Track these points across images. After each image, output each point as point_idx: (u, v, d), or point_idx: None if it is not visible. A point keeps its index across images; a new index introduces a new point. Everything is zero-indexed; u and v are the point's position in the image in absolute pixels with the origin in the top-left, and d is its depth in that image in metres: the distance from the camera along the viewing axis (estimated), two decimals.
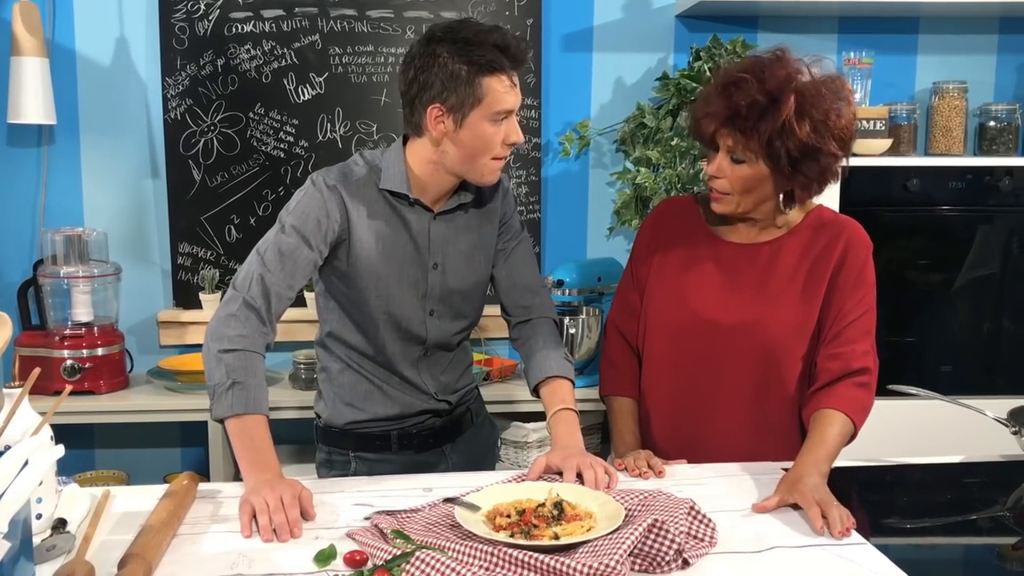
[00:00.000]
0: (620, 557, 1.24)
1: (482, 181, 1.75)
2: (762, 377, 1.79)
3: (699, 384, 1.82)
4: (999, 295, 2.90)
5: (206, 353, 1.63)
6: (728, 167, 1.73)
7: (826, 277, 1.77)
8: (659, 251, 1.90)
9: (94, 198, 2.97)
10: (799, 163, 1.68)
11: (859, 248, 1.78)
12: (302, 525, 1.43)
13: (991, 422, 1.80)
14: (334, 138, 3.00)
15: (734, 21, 3.05)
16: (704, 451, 1.80)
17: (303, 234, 1.70)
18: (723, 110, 1.69)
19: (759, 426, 1.80)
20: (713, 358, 1.80)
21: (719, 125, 1.71)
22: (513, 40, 1.68)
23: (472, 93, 1.65)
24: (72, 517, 1.42)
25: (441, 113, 1.68)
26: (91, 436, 3.05)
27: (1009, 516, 1.63)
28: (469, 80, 1.64)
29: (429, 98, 1.67)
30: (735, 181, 1.73)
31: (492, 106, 1.66)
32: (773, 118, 1.65)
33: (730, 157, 1.72)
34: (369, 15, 2.97)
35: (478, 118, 1.67)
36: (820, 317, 1.77)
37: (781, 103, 1.65)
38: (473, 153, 1.70)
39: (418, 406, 1.87)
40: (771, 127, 1.65)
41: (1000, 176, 2.82)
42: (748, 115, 1.67)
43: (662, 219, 1.95)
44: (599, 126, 3.08)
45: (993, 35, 3.16)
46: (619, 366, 1.95)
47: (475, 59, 1.64)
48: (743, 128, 1.68)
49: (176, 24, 2.91)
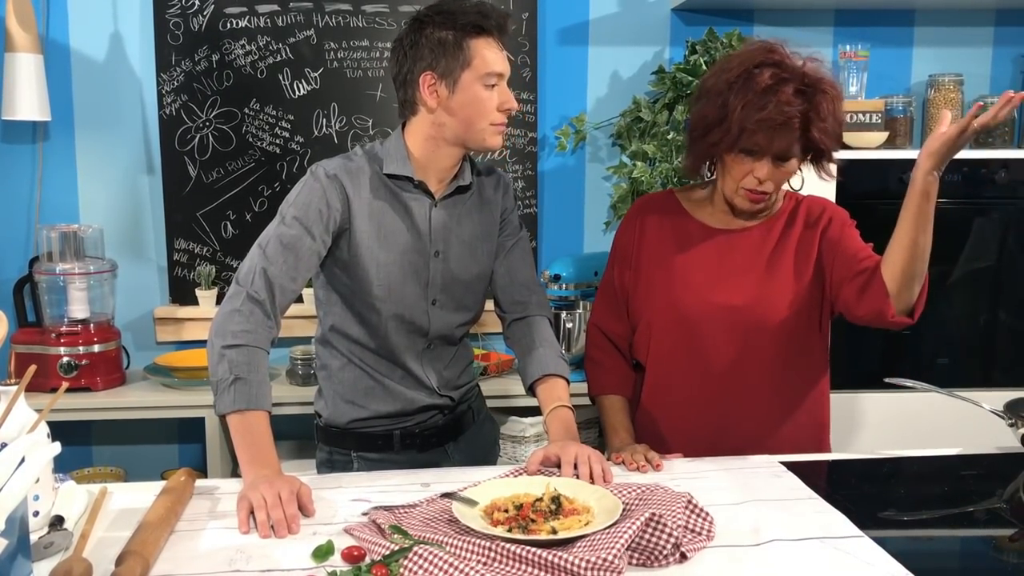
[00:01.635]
0: (618, 551, 1.24)
1: (485, 146, 1.77)
2: (777, 354, 1.81)
3: (716, 369, 1.83)
4: (995, 287, 2.90)
5: (210, 349, 1.63)
6: (773, 170, 1.77)
7: (815, 246, 1.83)
8: (647, 248, 1.91)
9: (89, 194, 2.96)
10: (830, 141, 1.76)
11: (839, 212, 1.87)
12: (300, 521, 1.43)
13: (988, 415, 1.80)
14: (330, 133, 3.00)
15: (730, 14, 3.04)
16: (732, 439, 1.81)
17: (305, 224, 1.70)
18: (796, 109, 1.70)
19: (786, 405, 1.83)
20: (727, 343, 1.82)
21: (794, 130, 1.72)
22: (494, 10, 1.73)
23: (461, 55, 1.69)
24: (69, 514, 1.42)
25: (434, 80, 1.71)
26: (88, 433, 3.05)
27: (1006, 508, 1.63)
28: (456, 43, 1.69)
29: (420, 69, 1.71)
30: (779, 180, 1.79)
31: (481, 67, 1.70)
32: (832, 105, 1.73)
33: (775, 159, 1.76)
34: (364, 10, 2.96)
35: (469, 81, 1.70)
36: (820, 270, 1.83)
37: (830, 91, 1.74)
38: (470, 119, 1.72)
39: (420, 402, 1.87)
40: (834, 117, 1.74)
41: (996, 169, 2.82)
42: (821, 106, 1.72)
43: (644, 217, 1.95)
44: (595, 120, 3.08)
45: (989, 27, 3.17)
46: (605, 365, 1.96)
47: (460, 23, 1.69)
48: (815, 122, 1.72)
49: (170, 19, 2.90)
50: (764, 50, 1.76)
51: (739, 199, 1.81)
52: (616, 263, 1.96)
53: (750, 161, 1.76)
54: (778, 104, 1.69)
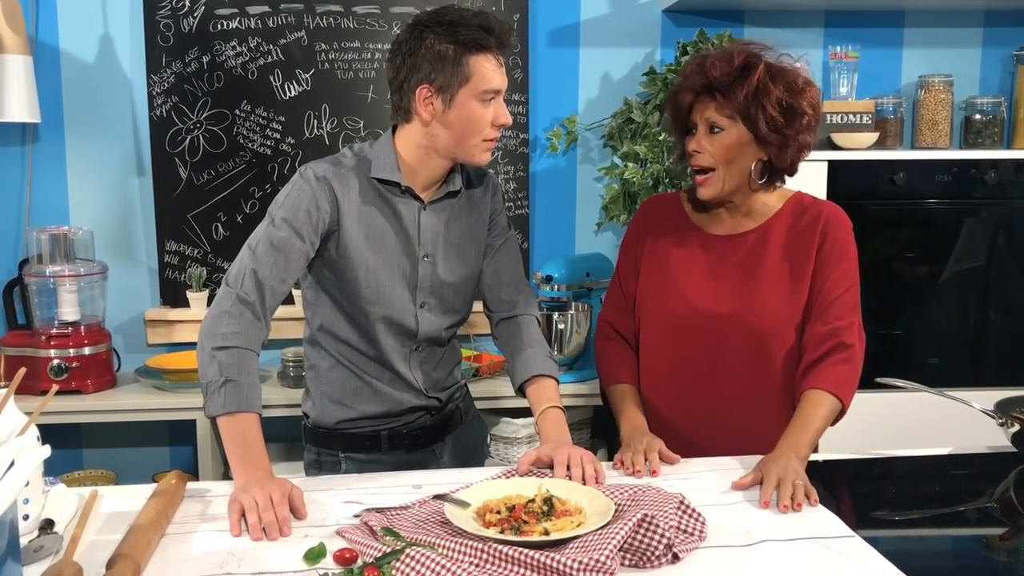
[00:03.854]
0: (610, 552, 1.24)
1: (473, 161, 1.76)
2: (760, 363, 1.81)
3: (698, 375, 1.84)
4: (985, 287, 2.91)
5: (200, 351, 1.63)
6: (707, 140, 1.79)
7: (811, 258, 1.82)
8: (649, 247, 1.93)
9: (80, 196, 2.95)
10: (776, 123, 1.76)
11: (839, 226, 1.84)
12: (291, 524, 1.43)
13: (978, 414, 1.81)
14: (321, 135, 3.00)
15: (720, 15, 3.05)
16: (706, 441, 1.82)
17: (294, 226, 1.70)
18: (699, 80, 1.78)
19: (759, 412, 1.83)
20: (710, 348, 1.83)
21: (695, 95, 1.79)
22: (497, 23, 1.70)
23: (459, 72, 1.67)
24: (59, 518, 1.42)
25: (430, 94, 1.69)
26: (79, 436, 3.04)
27: (996, 507, 1.64)
28: (456, 59, 1.66)
29: (417, 80, 1.69)
30: (717, 152, 1.79)
31: (479, 85, 1.68)
32: (747, 81, 1.75)
33: (709, 129, 1.79)
34: (355, 11, 2.96)
35: (466, 97, 1.68)
36: (808, 297, 1.81)
37: (752, 68, 1.76)
38: (463, 134, 1.71)
39: (407, 403, 1.87)
40: (747, 88, 1.74)
41: (986, 169, 2.83)
42: (723, 80, 1.75)
43: (649, 216, 1.98)
44: (586, 121, 3.08)
45: (978, 28, 3.18)
46: (612, 356, 1.96)
47: (461, 38, 1.66)
48: (722, 90, 1.76)
49: (161, 21, 2.89)
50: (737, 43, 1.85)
51: (696, 187, 1.84)
52: (622, 259, 1.99)
53: (692, 137, 1.82)
54: (701, 68, 1.78)
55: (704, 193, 1.83)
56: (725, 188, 1.81)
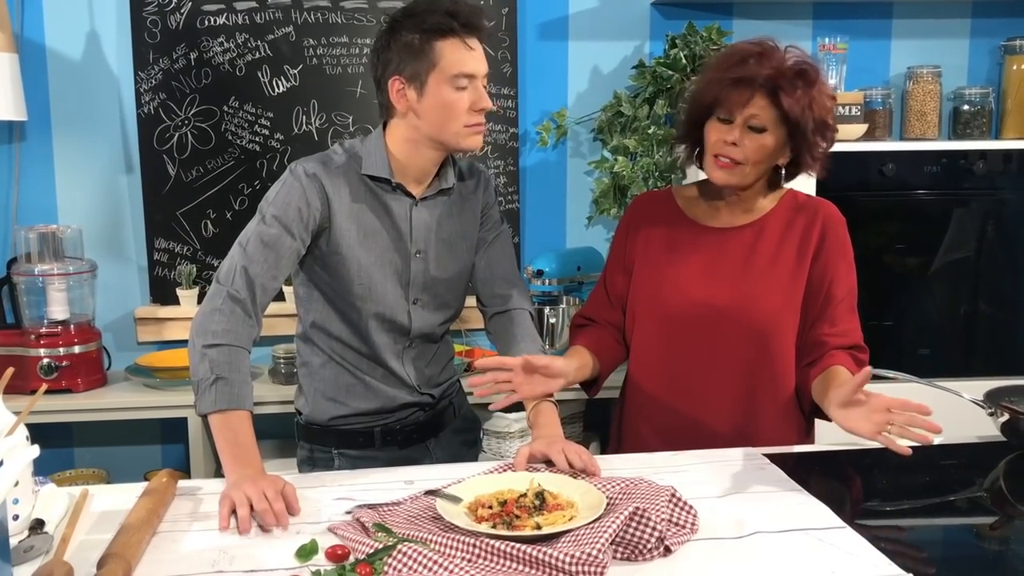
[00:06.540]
0: (602, 546, 1.24)
1: (462, 147, 1.76)
2: (754, 357, 1.82)
3: (692, 367, 1.84)
4: (975, 278, 2.92)
5: (191, 348, 1.62)
6: (747, 137, 1.76)
7: (808, 255, 1.83)
8: (641, 242, 1.93)
9: (68, 194, 2.94)
10: (816, 133, 1.76)
11: (838, 226, 1.85)
12: (288, 517, 1.43)
13: (968, 404, 1.81)
14: (310, 130, 2.99)
15: (709, 8, 3.05)
16: (697, 434, 1.82)
17: (285, 223, 1.70)
18: (762, 72, 1.72)
19: (751, 406, 1.83)
20: (705, 340, 1.83)
21: (755, 89, 1.73)
22: (465, 6, 1.70)
23: (426, 59, 1.68)
24: (50, 517, 1.41)
25: (402, 85, 1.70)
26: (70, 435, 3.03)
27: (987, 497, 1.64)
28: (421, 47, 1.68)
29: (390, 73, 1.71)
30: (752, 150, 1.76)
31: (448, 69, 1.68)
32: (807, 89, 1.72)
33: (747, 126, 1.75)
34: (343, 6, 2.95)
35: (436, 84, 1.68)
36: (805, 293, 1.82)
37: (810, 76, 1.74)
38: (441, 121, 1.71)
39: (400, 400, 1.87)
40: (807, 94, 1.72)
41: (975, 159, 2.84)
42: (791, 77, 1.72)
43: (639, 212, 1.97)
44: (576, 115, 3.07)
45: (966, 19, 3.18)
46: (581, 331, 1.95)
47: (425, 26, 1.67)
48: (785, 88, 1.71)
49: (148, 17, 2.88)
50: (755, 41, 1.80)
51: (713, 169, 1.81)
52: (610, 262, 1.98)
53: (726, 129, 1.77)
54: (744, 64, 1.74)
55: (723, 178, 1.80)
56: (746, 182, 1.81)
